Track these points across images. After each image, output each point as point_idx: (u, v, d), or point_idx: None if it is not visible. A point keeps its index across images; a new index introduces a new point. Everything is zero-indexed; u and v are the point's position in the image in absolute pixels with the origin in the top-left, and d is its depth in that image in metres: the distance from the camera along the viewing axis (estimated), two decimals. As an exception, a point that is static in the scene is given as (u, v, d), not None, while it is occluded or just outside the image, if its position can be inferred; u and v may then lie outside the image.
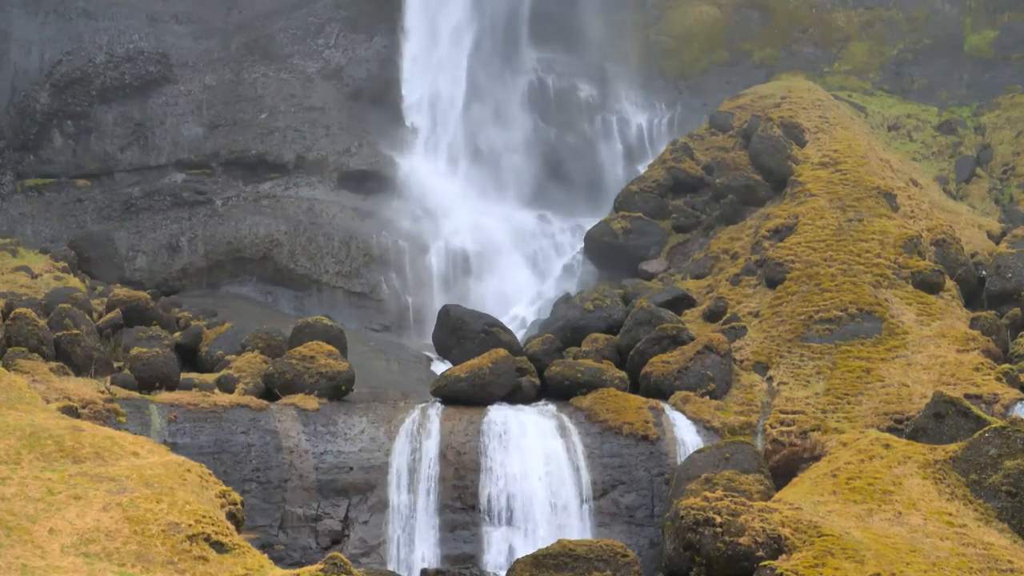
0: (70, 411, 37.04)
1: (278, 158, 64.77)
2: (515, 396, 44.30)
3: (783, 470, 41.20)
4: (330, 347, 44.29)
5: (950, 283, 49.88)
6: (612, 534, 39.83)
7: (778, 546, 32.58)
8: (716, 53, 73.55)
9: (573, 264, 61.81)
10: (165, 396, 41.17)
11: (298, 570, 29.03)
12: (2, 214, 62.47)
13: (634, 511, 41.11)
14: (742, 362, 46.39)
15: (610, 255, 58.62)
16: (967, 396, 41.50)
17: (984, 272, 51.51)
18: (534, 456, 41.32)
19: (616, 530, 40.51)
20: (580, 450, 41.71)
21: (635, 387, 45.50)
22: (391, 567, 39.70)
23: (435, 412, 42.54)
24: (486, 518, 40.56)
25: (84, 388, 40.13)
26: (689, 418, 43.08)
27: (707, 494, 34.55)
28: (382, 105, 67.34)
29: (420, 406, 42.99)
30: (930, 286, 48.93)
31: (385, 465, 41.16)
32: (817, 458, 40.21)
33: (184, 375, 43.58)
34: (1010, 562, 32.73)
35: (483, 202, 65.83)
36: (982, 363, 44.25)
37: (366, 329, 59.18)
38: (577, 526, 40.48)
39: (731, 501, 33.71)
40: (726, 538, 32.64)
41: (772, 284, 49.88)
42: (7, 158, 63.84)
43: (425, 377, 49.28)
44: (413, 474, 41.00)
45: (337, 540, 40.09)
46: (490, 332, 47.75)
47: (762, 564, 32.04)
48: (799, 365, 45.54)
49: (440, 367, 49.88)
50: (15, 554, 26.91)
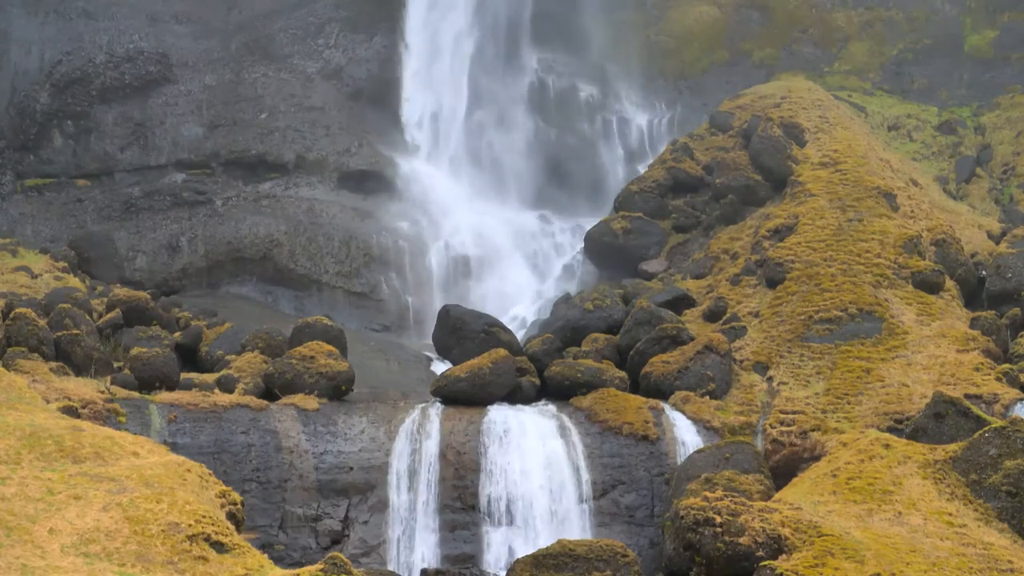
0: (70, 411, 37.03)
1: (278, 158, 64.74)
2: (515, 396, 44.28)
3: (783, 470, 41.19)
4: (330, 347, 44.28)
5: (950, 283, 49.86)
6: (612, 534, 39.80)
7: (778, 546, 32.57)
8: (716, 53, 73.51)
9: (573, 264, 61.77)
10: (165, 396, 41.15)
11: (298, 570, 29.02)
12: (2, 214, 62.45)
13: (634, 511, 41.09)
14: (742, 362, 46.38)
15: (610, 255, 58.60)
16: (967, 396, 41.49)
17: (984, 272, 51.50)
18: (534, 456, 41.29)
19: (616, 530, 40.48)
20: (580, 450, 41.68)
21: (635, 387, 45.49)
22: (391, 567, 39.68)
23: (435, 412, 42.51)
24: (486, 518, 40.53)
25: (84, 388, 40.11)
26: (689, 418, 43.06)
27: (707, 494, 34.53)
28: (382, 105, 67.30)
29: (420, 406, 42.97)
30: (930, 286, 48.91)
31: (385, 465, 41.14)
32: (817, 458, 40.20)
33: (184, 375, 43.56)
34: (1010, 562, 32.72)
35: (483, 202, 65.77)
36: (982, 363, 44.24)
37: (366, 329, 59.14)
38: (577, 526, 40.45)
39: (731, 501, 33.70)
40: (726, 538, 32.64)
41: (772, 284, 49.87)
42: (7, 158, 63.83)
43: (425, 377, 49.26)
44: (413, 474, 40.98)
45: (337, 540, 40.07)
46: (490, 332, 47.73)
47: (762, 564, 32.03)
48: (799, 365, 45.53)
49: (440, 367, 49.85)
50: (15, 554, 26.90)
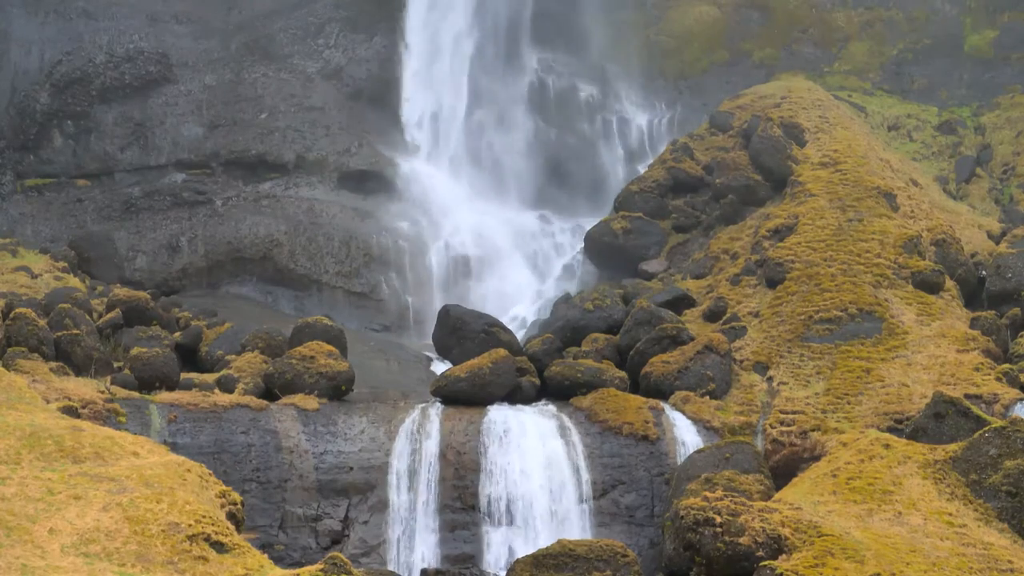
0: (70, 411, 37.03)
1: (278, 158, 64.73)
2: (515, 396, 44.27)
3: (783, 470, 41.19)
4: (330, 347, 44.27)
5: (950, 283, 49.86)
6: (612, 534, 39.80)
7: (778, 546, 32.57)
8: (716, 53, 73.51)
9: (573, 264, 61.76)
10: (165, 396, 41.15)
11: (298, 570, 29.02)
12: (2, 214, 62.45)
13: (634, 511, 41.09)
14: (742, 362, 46.38)
15: (610, 255, 58.59)
16: (967, 396, 41.49)
17: (984, 272, 51.49)
18: (534, 456, 41.29)
19: (616, 530, 40.48)
20: (580, 450, 41.67)
21: (635, 387, 45.48)
22: (391, 567, 39.67)
23: (435, 412, 42.51)
24: (486, 518, 40.53)
25: (84, 388, 40.11)
26: (689, 418, 43.06)
27: (707, 494, 34.53)
28: (382, 105, 67.30)
29: (420, 406, 42.96)
30: (930, 286, 48.91)
31: (385, 465, 41.13)
32: (817, 458, 40.20)
33: (184, 375, 43.56)
34: (1010, 562, 32.72)
35: (483, 202, 65.76)
36: (982, 363, 44.24)
37: (366, 329, 59.14)
38: (577, 526, 40.45)
39: (731, 501, 33.70)
40: (726, 538, 32.64)
41: (772, 284, 49.86)
42: (7, 158, 63.82)
43: (425, 377, 49.25)
44: (413, 474, 40.98)
45: (337, 540, 40.07)
46: (490, 332, 47.73)
47: (762, 564, 32.03)
48: (799, 365, 45.53)
49: (440, 367, 49.84)
50: (15, 554, 26.91)
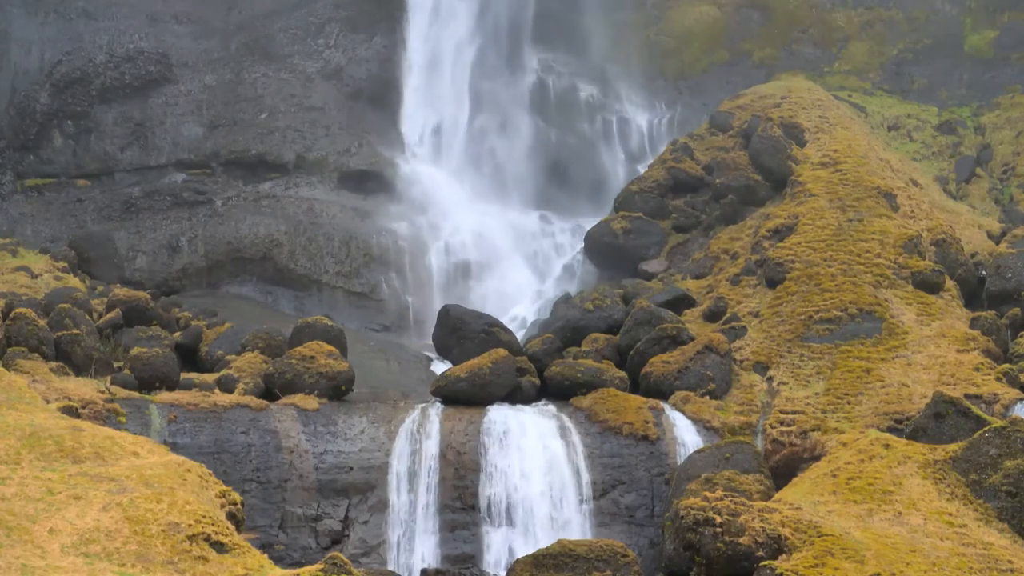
0: (70, 411, 37.03)
1: (278, 158, 64.72)
2: (515, 396, 44.27)
3: (783, 470, 41.19)
4: (330, 347, 44.27)
5: (950, 283, 49.86)
6: (612, 534, 39.80)
7: (778, 546, 32.57)
8: (716, 53, 73.52)
9: (573, 264, 61.74)
10: (165, 396, 41.15)
11: (298, 570, 29.02)
12: (2, 214, 62.43)
13: (634, 511, 41.08)
14: (742, 362, 46.38)
15: (610, 255, 58.59)
16: (967, 396, 41.49)
17: (984, 272, 51.49)
18: (534, 456, 41.29)
19: (616, 530, 40.48)
20: (580, 450, 41.67)
21: (635, 387, 45.48)
22: (391, 567, 39.67)
23: (435, 412, 42.50)
24: (486, 518, 40.52)
25: (84, 388, 40.10)
26: (689, 418, 43.06)
27: (707, 494, 34.53)
28: (382, 105, 67.27)
29: (420, 406, 42.96)
30: (930, 286, 48.91)
31: (385, 465, 41.13)
32: (817, 458, 40.19)
33: (184, 375, 43.56)
34: (1010, 562, 32.72)
35: (483, 202, 65.76)
36: (982, 363, 44.24)
37: (366, 329, 59.13)
38: (577, 526, 40.44)
39: (731, 501, 33.70)
40: (726, 538, 32.63)
41: (772, 284, 49.86)
42: (7, 158, 63.81)
43: (425, 377, 49.25)
44: (413, 474, 40.97)
45: (337, 540, 40.06)
46: (490, 332, 47.73)
47: (762, 564, 32.03)
48: (799, 365, 45.53)
49: (440, 367, 49.84)
50: (15, 554, 26.90)
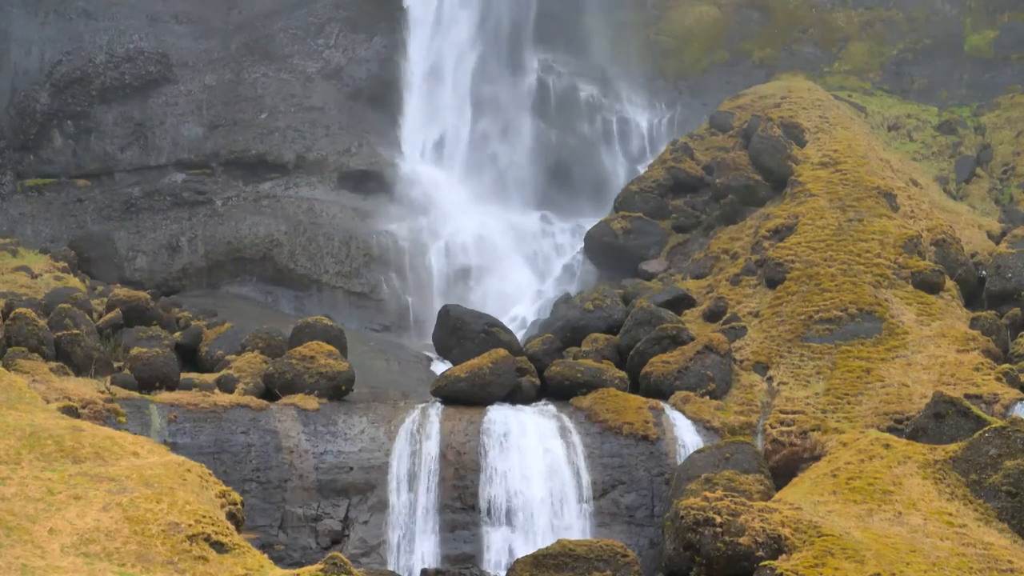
0: (70, 411, 37.03)
1: (278, 158, 64.72)
2: (515, 396, 44.27)
3: (783, 470, 41.19)
4: (330, 347, 44.27)
5: (950, 283, 49.86)
6: (612, 534, 39.80)
7: (778, 546, 32.57)
8: (716, 53, 73.52)
9: (573, 264, 61.75)
10: (165, 396, 41.15)
11: (298, 570, 29.02)
12: (2, 214, 62.43)
13: (634, 511, 41.09)
14: (742, 362, 46.38)
15: (610, 255, 58.59)
16: (967, 396, 41.49)
17: (984, 272, 51.50)
18: (534, 456, 41.29)
19: (616, 530, 40.48)
20: (580, 450, 41.67)
21: (635, 387, 45.48)
22: (391, 567, 39.68)
23: (435, 412, 42.50)
24: (486, 518, 40.52)
25: (84, 388, 40.11)
26: (689, 418, 43.06)
27: (707, 494, 34.54)
28: (382, 105, 67.26)
29: (420, 406, 42.96)
30: (930, 286, 48.91)
31: (385, 465, 41.14)
32: (817, 458, 40.20)
33: (184, 375, 43.56)
34: (1010, 562, 32.72)
35: (483, 202, 65.78)
36: (982, 363, 44.24)
37: (366, 329, 59.14)
38: (577, 526, 40.45)
39: (731, 501, 33.70)
40: (726, 538, 32.63)
41: (772, 284, 49.86)
42: (7, 158, 63.81)
43: (425, 377, 49.25)
44: (413, 474, 40.97)
45: (337, 540, 40.07)
46: (490, 332, 47.73)
47: (762, 564, 32.03)
48: (799, 365, 45.52)
49: (440, 367, 49.84)
50: (15, 554, 26.91)
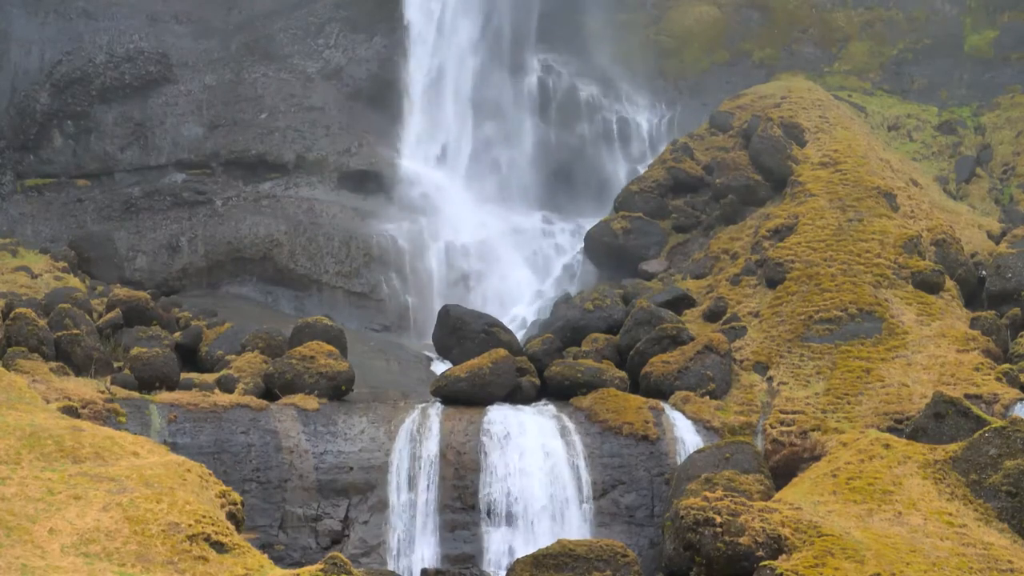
0: (70, 411, 37.03)
1: (278, 158, 64.71)
2: (515, 396, 44.27)
3: (783, 470, 41.19)
4: (330, 347, 44.27)
5: (950, 283, 49.86)
6: (612, 534, 39.80)
7: (778, 546, 32.57)
8: (716, 53, 73.51)
9: (573, 264, 61.76)
10: (165, 396, 41.16)
11: (298, 570, 29.02)
12: (2, 214, 62.41)
13: (634, 511, 41.09)
14: (742, 362, 46.38)
15: (610, 255, 58.58)
16: (967, 396, 41.49)
17: (984, 272, 51.50)
18: (534, 456, 41.29)
19: (616, 530, 40.49)
20: (580, 450, 41.67)
21: (635, 387, 45.48)
22: (391, 567, 39.68)
23: (435, 412, 42.51)
24: (486, 518, 40.52)
25: (84, 388, 40.11)
26: (689, 418, 43.07)
27: (707, 494, 34.54)
28: (382, 105, 67.26)
29: (420, 406, 42.96)
30: (930, 286, 48.91)
31: (385, 465, 41.14)
32: (817, 458, 40.20)
33: (184, 375, 43.56)
34: (1010, 562, 32.73)
35: (483, 202, 65.79)
36: (982, 363, 44.24)
37: (366, 329, 59.14)
38: (577, 526, 40.46)
39: (731, 501, 33.70)
40: (726, 538, 32.64)
41: (772, 284, 49.86)
42: (7, 158, 63.80)
43: (425, 377, 49.25)
44: (413, 474, 40.98)
45: (337, 540, 40.07)
46: (490, 332, 47.73)
47: (762, 564, 32.04)
48: (799, 365, 45.53)
49: (440, 367, 49.85)
50: (15, 554, 26.91)
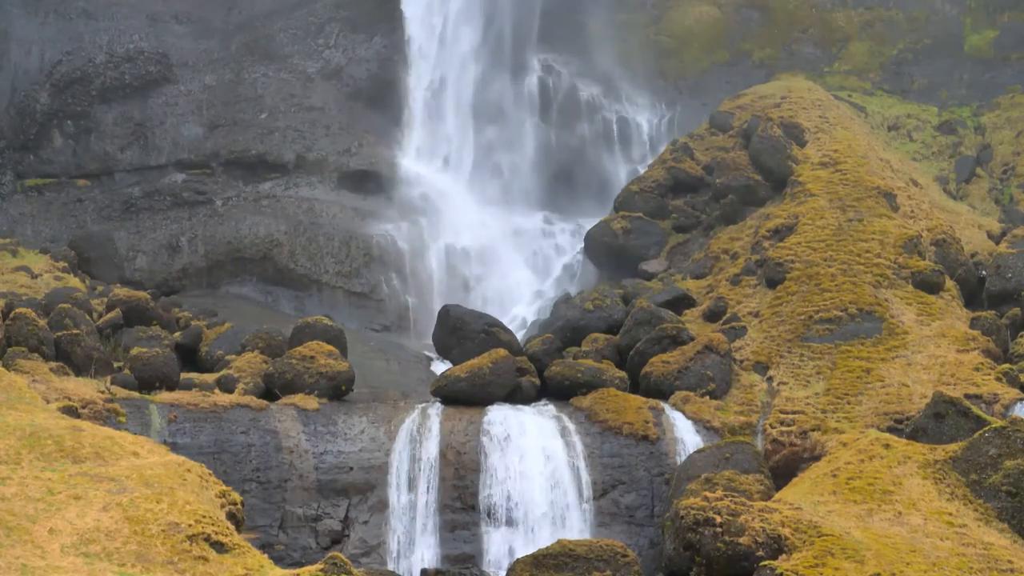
0: (70, 411, 37.03)
1: (278, 158, 64.70)
2: (515, 396, 44.28)
3: (783, 470, 41.20)
4: (330, 347, 44.27)
5: (950, 283, 49.86)
6: (612, 534, 39.81)
7: (778, 546, 32.57)
8: (716, 53, 73.52)
9: (573, 264, 61.78)
10: (165, 396, 41.16)
11: (298, 570, 29.02)
12: (2, 214, 62.39)
13: (634, 511, 41.09)
14: (742, 362, 46.38)
15: (610, 255, 58.59)
16: (967, 396, 41.50)
17: (984, 272, 51.50)
18: (534, 456, 41.30)
19: (616, 530, 40.49)
20: (580, 450, 41.67)
21: (635, 387, 45.48)
22: (391, 567, 39.69)
23: (435, 412, 42.51)
24: (486, 518, 40.53)
25: (84, 388, 40.11)
26: (689, 418, 43.07)
27: (707, 494, 34.54)
28: (382, 105, 67.26)
29: (420, 406, 42.97)
30: (930, 286, 48.91)
31: (385, 465, 41.14)
32: (817, 458, 40.20)
33: (184, 375, 43.56)
34: (1010, 562, 32.73)
35: (483, 202, 65.81)
36: (982, 363, 44.24)
37: (366, 329, 59.14)
38: (577, 526, 40.46)
39: (731, 501, 33.70)
40: (726, 538, 32.64)
41: (772, 284, 49.86)
42: (7, 158, 63.78)
43: (425, 377, 49.26)
44: (413, 474, 40.98)
45: (337, 540, 40.08)
46: (490, 332, 47.73)
47: (762, 564, 32.04)
48: (799, 365, 45.53)
49: (440, 367, 49.85)
50: (15, 554, 26.90)
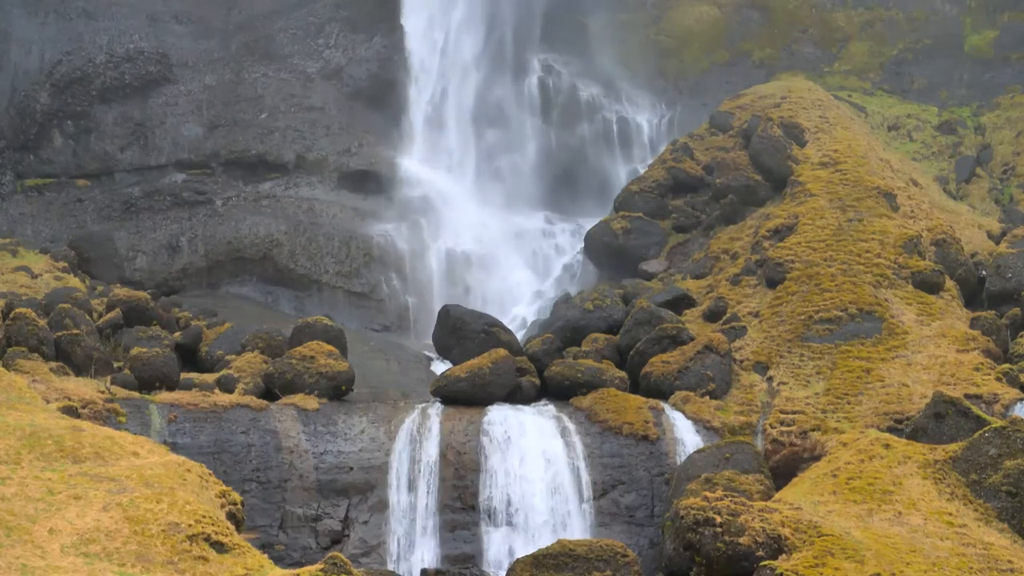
0: (70, 411, 37.03)
1: (278, 158, 64.71)
2: (515, 396, 44.28)
3: (783, 470, 41.20)
4: (330, 347, 44.28)
5: (950, 283, 49.87)
6: (612, 534, 39.81)
7: (778, 546, 32.57)
8: (716, 53, 73.52)
9: (573, 264, 61.78)
10: (165, 396, 41.16)
11: (298, 570, 29.02)
12: (2, 214, 62.40)
13: (634, 511, 41.10)
14: (742, 362, 46.38)
15: (610, 255, 58.59)
16: (967, 396, 41.50)
17: (984, 272, 51.50)
18: (534, 456, 41.30)
19: (616, 530, 40.49)
20: (580, 450, 41.68)
21: (635, 387, 45.49)
22: (391, 567, 39.69)
23: (435, 412, 42.51)
24: (486, 518, 40.54)
25: (84, 388, 40.11)
26: (689, 418, 43.07)
27: (707, 494, 34.54)
28: (382, 105, 67.27)
29: (420, 406, 42.97)
30: (930, 286, 48.92)
31: (385, 465, 41.15)
32: (817, 458, 40.21)
33: (184, 375, 43.56)
34: (1010, 562, 32.73)
35: (483, 202, 65.80)
36: (982, 363, 44.24)
37: (366, 329, 59.15)
38: (577, 526, 40.47)
39: (731, 501, 33.70)
40: (726, 538, 32.64)
41: (772, 284, 49.87)
42: (7, 158, 63.79)
43: (425, 377, 49.27)
44: (413, 475, 40.99)
45: (337, 540, 40.08)
46: (490, 332, 47.73)
47: (762, 564, 32.04)
48: (799, 365, 45.53)
49: (440, 367, 49.86)
50: (15, 554, 26.91)
